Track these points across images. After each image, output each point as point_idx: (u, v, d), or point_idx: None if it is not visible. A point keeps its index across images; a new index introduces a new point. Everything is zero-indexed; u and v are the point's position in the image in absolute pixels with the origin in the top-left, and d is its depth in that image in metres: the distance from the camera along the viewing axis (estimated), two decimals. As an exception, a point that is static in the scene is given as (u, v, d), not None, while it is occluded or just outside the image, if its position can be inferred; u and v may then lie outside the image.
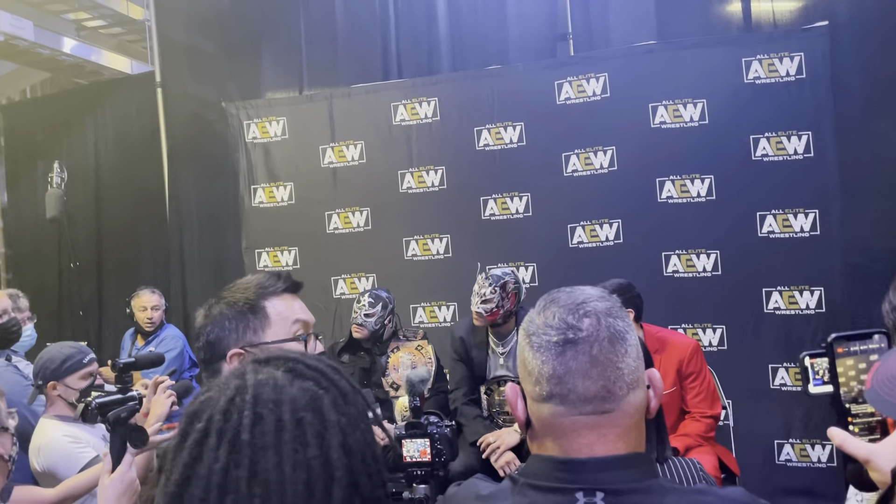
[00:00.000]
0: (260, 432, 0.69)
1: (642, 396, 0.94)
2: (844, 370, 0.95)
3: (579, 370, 0.90)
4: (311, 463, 0.70)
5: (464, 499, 0.98)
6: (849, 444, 0.92)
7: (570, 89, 4.22)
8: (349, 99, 4.66)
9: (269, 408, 0.71)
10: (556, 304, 0.95)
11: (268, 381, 0.73)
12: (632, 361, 0.92)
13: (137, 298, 4.46)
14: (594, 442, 0.91)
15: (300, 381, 0.74)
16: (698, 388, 3.09)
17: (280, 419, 0.70)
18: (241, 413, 0.70)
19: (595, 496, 0.88)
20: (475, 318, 3.42)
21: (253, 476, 0.68)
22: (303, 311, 1.41)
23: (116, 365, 1.76)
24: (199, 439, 0.70)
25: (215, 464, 0.68)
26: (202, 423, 0.71)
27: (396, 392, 3.65)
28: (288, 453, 0.69)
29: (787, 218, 3.88)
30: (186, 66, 5.23)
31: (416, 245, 4.51)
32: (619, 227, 4.14)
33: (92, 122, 5.64)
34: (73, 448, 2.49)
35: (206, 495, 0.68)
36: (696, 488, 0.94)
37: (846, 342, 0.95)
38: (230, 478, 0.68)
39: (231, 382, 0.74)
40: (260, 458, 0.69)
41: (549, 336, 0.92)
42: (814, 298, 3.84)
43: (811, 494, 3.57)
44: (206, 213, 5.16)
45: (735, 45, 4.03)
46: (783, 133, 3.88)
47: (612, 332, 0.92)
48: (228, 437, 0.69)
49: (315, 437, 0.71)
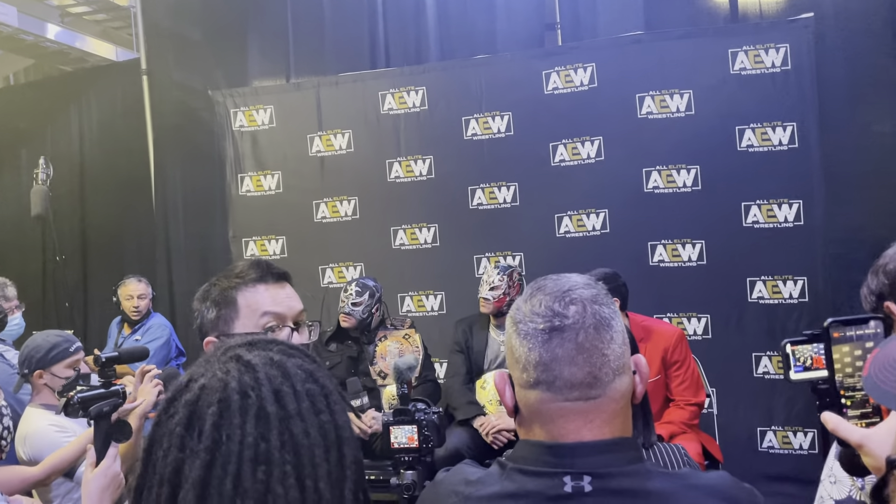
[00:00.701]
0: (283, 404, 0.73)
1: (628, 382, 0.96)
2: (840, 356, 0.95)
3: (565, 357, 0.92)
4: (326, 427, 0.74)
5: (452, 483, 0.99)
6: (842, 429, 0.94)
7: (558, 79, 4.23)
8: (337, 87, 4.64)
9: (281, 381, 0.74)
10: (542, 292, 0.96)
11: (267, 360, 0.76)
12: (617, 348, 0.94)
13: (124, 287, 4.44)
14: (581, 427, 0.93)
15: (292, 358, 0.78)
16: (683, 375, 3.12)
17: (296, 390, 0.74)
18: (260, 389, 0.73)
19: (583, 480, 0.90)
20: (482, 304, 3.59)
21: (283, 444, 0.71)
22: (275, 303, 1.39)
23: (99, 359, 1.75)
24: (217, 422, 0.71)
25: (245, 438, 0.71)
26: (214, 405, 0.72)
27: (384, 381, 3.66)
28: (311, 420, 0.73)
29: (771, 208, 3.92)
30: (172, 54, 5.19)
31: (404, 234, 4.52)
32: (605, 217, 4.17)
33: (76, 109, 5.60)
34: (59, 437, 2.49)
35: (239, 470, 0.70)
36: (681, 472, 0.95)
37: (842, 327, 0.96)
38: (261, 450, 0.71)
39: (228, 366, 0.75)
40: (287, 427, 0.72)
41: (536, 323, 0.93)
42: (797, 288, 3.89)
43: (793, 480, 3.62)
44: (193, 201, 5.13)
45: (721, 35, 4.06)
46: (768, 124, 3.91)
47: (597, 319, 0.93)
48: (252, 412, 0.72)
49: (323, 404, 0.75)
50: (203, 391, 0.74)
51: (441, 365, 4.14)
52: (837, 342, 0.96)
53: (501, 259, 4.31)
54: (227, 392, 0.72)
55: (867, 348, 0.95)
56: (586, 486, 0.90)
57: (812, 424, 3.85)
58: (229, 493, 0.69)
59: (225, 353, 0.78)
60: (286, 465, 0.70)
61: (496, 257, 4.34)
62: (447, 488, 0.99)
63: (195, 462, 0.70)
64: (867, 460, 0.92)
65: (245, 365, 0.75)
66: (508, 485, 0.94)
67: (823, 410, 2.00)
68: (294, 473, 0.70)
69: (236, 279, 1.39)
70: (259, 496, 0.69)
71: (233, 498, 0.69)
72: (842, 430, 0.94)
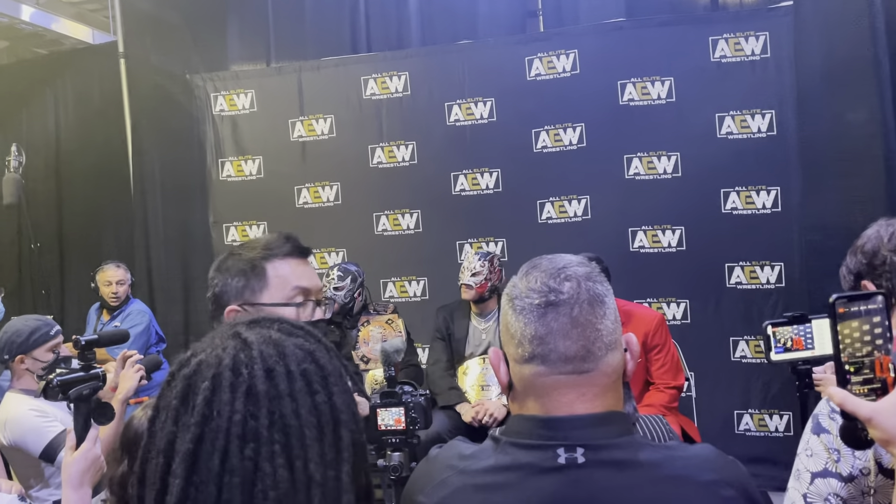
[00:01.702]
0: (274, 383, 0.73)
1: (619, 358, 0.98)
2: (850, 331, 0.96)
3: (560, 331, 0.94)
4: (321, 408, 0.74)
5: (447, 458, 1.01)
6: (850, 403, 0.95)
7: (541, 65, 4.24)
8: (318, 72, 4.61)
9: (276, 360, 0.74)
10: (538, 270, 0.99)
11: (266, 338, 0.76)
12: (610, 323, 0.96)
13: (102, 273, 4.39)
14: (574, 400, 0.95)
15: (293, 338, 0.78)
16: (662, 359, 3.17)
17: (289, 370, 0.74)
18: (252, 367, 0.73)
19: (576, 452, 0.92)
20: (464, 291, 3.60)
21: (272, 423, 0.71)
22: (306, 277, 1.40)
23: (79, 342, 1.74)
24: (209, 397, 0.72)
25: (234, 415, 0.71)
26: (207, 381, 0.73)
27: (367, 365, 3.67)
28: (302, 399, 0.73)
29: (749, 195, 3.97)
30: (150, 37, 5.11)
31: (387, 220, 4.51)
32: (587, 203, 4.20)
33: (52, 93, 5.50)
34: (41, 422, 2.47)
35: (227, 446, 0.70)
36: (669, 444, 0.98)
37: (847, 303, 0.97)
38: (249, 427, 0.71)
39: (227, 343, 0.76)
40: (276, 407, 0.72)
41: (532, 299, 0.96)
42: (774, 273, 3.95)
43: (769, 462, 3.69)
44: (172, 186, 5.08)
45: (702, 23, 4.09)
46: (747, 111, 3.95)
47: (591, 295, 0.96)
48: (243, 389, 0.72)
49: (320, 384, 0.75)
50: (200, 366, 0.74)
51: (424, 350, 4.15)
52: (844, 318, 0.97)
53: (484, 245, 4.33)
54: (220, 368, 0.73)
55: (875, 323, 0.96)
56: (579, 457, 0.92)
57: (787, 407, 3.93)
58: (217, 468, 0.69)
59: (228, 329, 0.78)
60: (275, 445, 0.70)
61: (478, 243, 4.35)
62: (442, 463, 1.01)
63: (186, 436, 0.71)
64: (875, 433, 0.94)
65: (242, 342, 0.75)
66: (503, 458, 0.95)
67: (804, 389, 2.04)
68: (283, 453, 0.70)
69: (265, 250, 1.38)
70: (247, 474, 0.69)
71: (220, 474, 0.69)
72: (849, 404, 0.95)
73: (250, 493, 0.69)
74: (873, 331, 0.96)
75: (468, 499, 0.95)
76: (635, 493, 0.91)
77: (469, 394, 3.58)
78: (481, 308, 3.67)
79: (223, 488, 0.69)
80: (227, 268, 1.38)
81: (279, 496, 0.69)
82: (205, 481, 0.69)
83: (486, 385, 3.58)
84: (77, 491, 1.65)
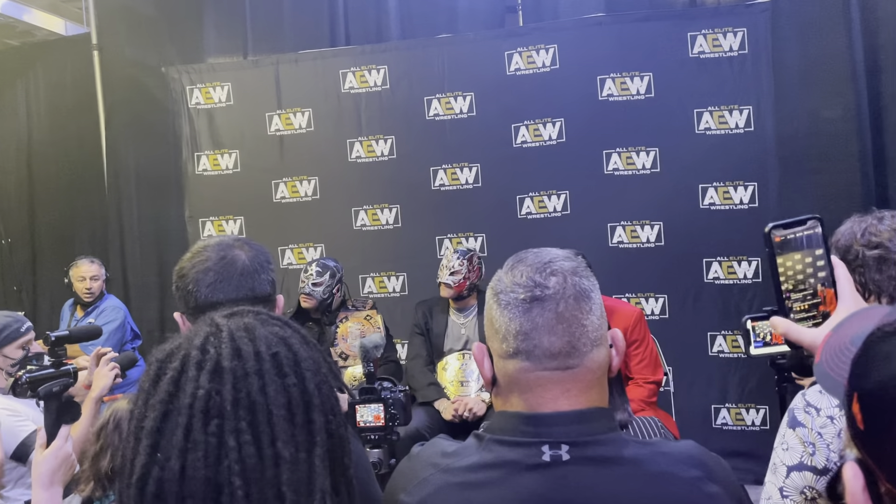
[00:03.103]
0: (241, 362, 0.72)
1: (605, 354, 0.97)
2: (791, 263, 0.95)
3: (545, 326, 0.93)
4: (291, 390, 0.73)
5: (429, 456, 0.99)
6: (793, 332, 0.94)
7: (521, 60, 4.23)
8: (296, 65, 4.56)
9: (246, 342, 0.74)
10: (523, 264, 0.97)
11: (239, 325, 0.76)
12: (595, 319, 0.96)
13: (76, 268, 4.32)
14: (559, 396, 0.94)
15: (269, 326, 0.78)
16: (641, 354, 3.18)
17: (258, 352, 0.74)
18: (220, 347, 0.73)
19: (560, 448, 0.91)
20: (442, 289, 3.58)
21: (237, 400, 0.70)
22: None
23: (49, 338, 1.70)
24: (176, 377, 0.72)
25: (198, 390, 0.70)
26: (176, 362, 0.73)
27: (345, 362, 3.65)
28: (270, 379, 0.72)
29: (727, 190, 4.00)
30: (124, 28, 5.03)
31: (365, 215, 4.48)
32: (566, 199, 4.20)
33: (23, 85, 5.39)
34: (13, 421, 2.41)
35: (190, 421, 0.70)
36: (653, 441, 0.98)
37: (783, 230, 0.96)
38: (213, 403, 0.70)
39: (202, 329, 0.76)
40: (242, 384, 0.71)
41: (517, 294, 0.94)
42: (751, 268, 3.98)
43: (746, 456, 3.72)
44: (146, 181, 5.00)
45: (681, 19, 4.11)
46: (725, 107, 3.98)
47: (577, 290, 0.95)
48: (209, 366, 0.72)
49: (291, 368, 0.74)
50: (173, 350, 0.75)
51: (403, 346, 4.14)
52: (782, 247, 0.96)
53: (463, 240, 4.32)
54: (189, 349, 0.74)
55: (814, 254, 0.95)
56: (564, 454, 0.91)
57: (764, 401, 3.96)
58: (180, 443, 0.69)
59: (206, 319, 0.79)
60: (240, 421, 0.70)
61: (458, 238, 4.34)
62: (424, 461, 0.99)
63: (152, 414, 0.71)
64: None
65: (216, 327, 0.76)
66: (486, 455, 0.94)
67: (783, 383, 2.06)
68: (249, 430, 0.70)
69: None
70: (211, 448, 0.69)
71: (183, 450, 0.69)
72: (793, 333, 0.94)
73: (216, 469, 0.69)
74: (815, 262, 0.95)
75: (452, 497, 0.94)
76: (620, 490, 0.90)
77: (448, 389, 3.57)
78: (461, 304, 3.66)
79: (187, 465, 0.69)
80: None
81: (246, 471, 0.69)
82: (168, 458, 0.69)
83: (464, 381, 3.57)
84: (47, 490, 1.61)
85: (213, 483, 0.69)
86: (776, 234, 0.96)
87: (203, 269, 1.30)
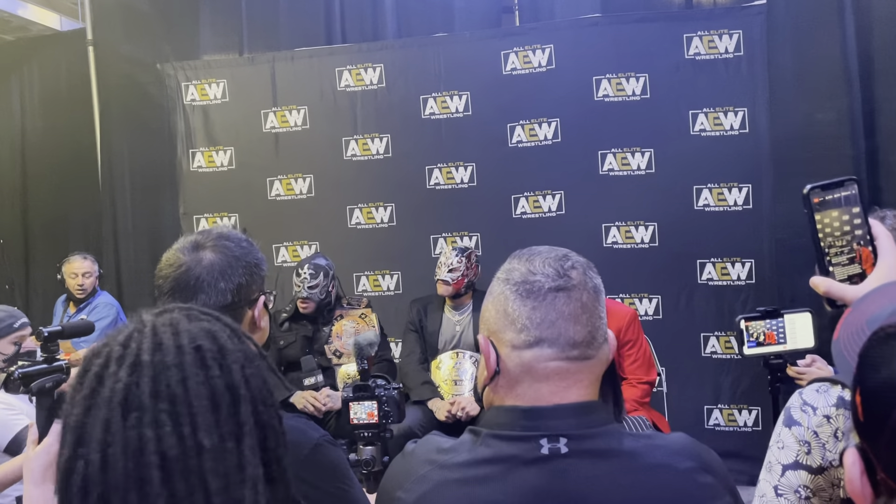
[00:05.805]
0: (160, 355, 0.73)
1: (608, 350, 1.00)
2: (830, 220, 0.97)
3: (572, 315, 0.95)
4: (214, 382, 0.74)
5: (425, 453, 0.99)
6: (835, 290, 0.96)
7: (517, 60, 4.23)
8: (292, 63, 4.56)
9: (168, 336, 0.75)
10: (541, 256, 0.99)
11: (165, 321, 0.77)
12: (604, 315, 0.99)
13: (68, 264, 4.31)
14: (570, 386, 0.95)
15: (196, 321, 0.78)
16: (635, 355, 3.18)
17: (180, 345, 0.74)
18: (141, 342, 0.74)
19: (559, 442, 0.92)
20: (440, 287, 3.58)
21: (156, 393, 0.71)
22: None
23: (41, 334, 1.70)
24: (99, 372, 0.73)
25: (116, 384, 0.71)
26: (101, 358, 0.74)
27: (339, 360, 3.64)
28: (191, 371, 0.73)
29: (722, 192, 4.01)
30: (120, 24, 5.02)
31: (360, 213, 4.48)
32: (561, 199, 4.20)
33: (18, 81, 5.37)
34: (7, 415, 2.41)
35: (110, 415, 0.70)
36: (648, 434, 0.99)
37: (822, 192, 0.97)
38: (132, 395, 0.71)
39: (128, 326, 0.78)
40: (162, 377, 0.72)
41: (542, 283, 0.96)
42: (745, 270, 3.99)
43: (738, 457, 3.73)
44: (141, 177, 4.99)
45: (677, 20, 4.12)
46: (720, 109, 3.99)
47: (594, 284, 0.99)
48: (129, 361, 0.73)
49: (215, 360, 0.75)
50: (100, 348, 0.76)
51: (397, 345, 4.13)
52: (821, 208, 0.97)
53: (458, 240, 4.32)
54: (112, 345, 0.75)
55: (852, 213, 0.96)
56: (562, 447, 0.92)
57: (757, 402, 3.97)
58: (99, 436, 0.70)
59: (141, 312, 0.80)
60: (160, 413, 0.71)
61: (453, 238, 4.34)
62: (420, 458, 0.99)
63: (76, 410, 0.72)
64: None
65: (140, 323, 0.77)
66: (484, 450, 0.94)
67: (776, 383, 2.06)
68: (170, 421, 0.71)
69: None
70: (131, 441, 0.70)
71: (103, 442, 0.70)
72: (835, 291, 0.96)
73: (137, 461, 0.70)
74: (852, 220, 0.96)
75: (450, 493, 0.94)
76: (618, 482, 0.91)
77: (441, 388, 3.57)
78: (457, 302, 3.67)
79: (108, 458, 0.70)
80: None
81: (167, 462, 0.70)
82: (90, 451, 0.70)
83: (458, 380, 3.57)
84: (39, 487, 1.60)
85: (134, 475, 0.69)
86: (815, 196, 0.96)
87: (163, 275, 1.32)
